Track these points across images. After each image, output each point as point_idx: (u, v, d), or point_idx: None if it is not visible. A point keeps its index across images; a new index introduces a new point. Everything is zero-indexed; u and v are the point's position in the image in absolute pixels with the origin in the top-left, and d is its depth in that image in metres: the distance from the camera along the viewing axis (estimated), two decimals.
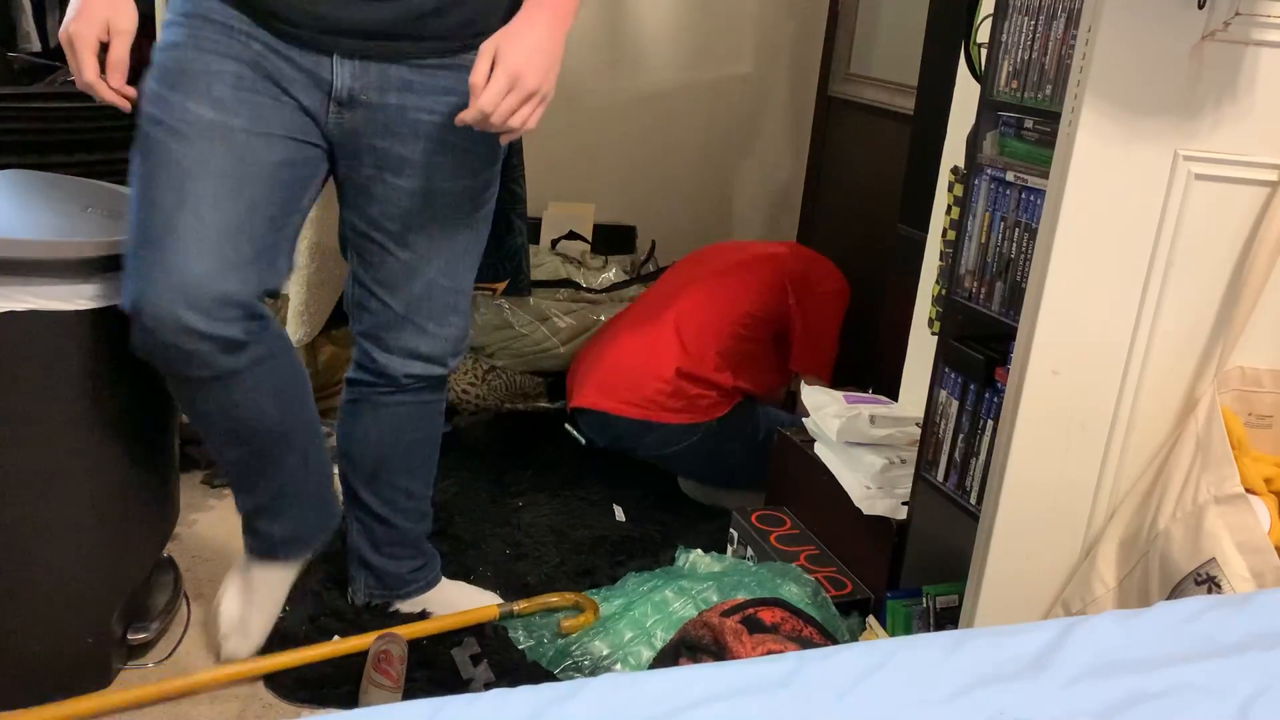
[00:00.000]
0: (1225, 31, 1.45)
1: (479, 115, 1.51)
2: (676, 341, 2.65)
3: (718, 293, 2.73)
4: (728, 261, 2.84)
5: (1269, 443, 1.60)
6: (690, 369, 2.61)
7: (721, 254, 2.91)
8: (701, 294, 2.73)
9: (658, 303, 2.79)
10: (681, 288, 2.79)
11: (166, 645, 1.95)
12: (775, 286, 2.75)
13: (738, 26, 3.49)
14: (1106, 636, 1.07)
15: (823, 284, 2.82)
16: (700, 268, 2.86)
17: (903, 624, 1.92)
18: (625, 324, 2.81)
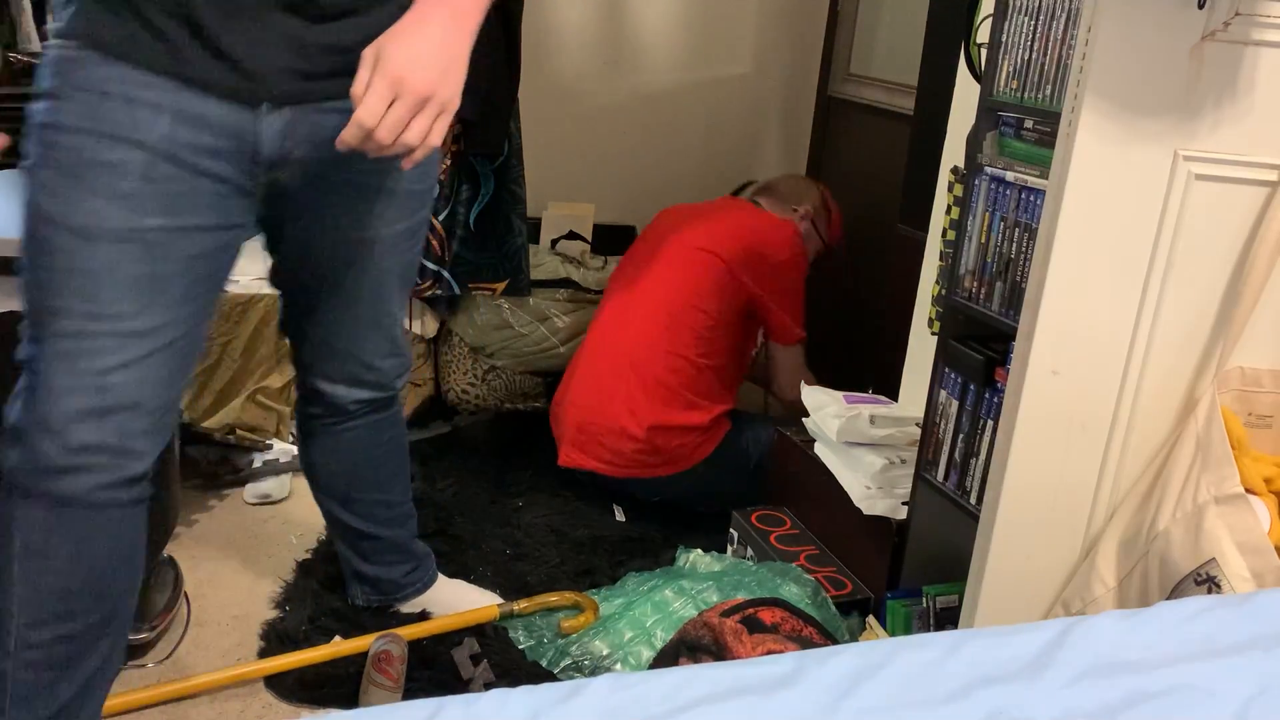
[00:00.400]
0: (1225, 31, 1.45)
1: (359, 132, 1.27)
2: (641, 393, 2.51)
3: (670, 319, 2.55)
4: (671, 268, 2.61)
5: (1269, 443, 1.60)
6: (662, 421, 2.50)
7: (660, 251, 2.67)
8: (654, 326, 2.55)
9: (612, 330, 2.63)
10: (632, 311, 2.61)
11: (166, 645, 1.95)
12: (727, 284, 2.58)
13: (737, 26, 3.49)
14: (1106, 637, 1.07)
15: (775, 255, 2.62)
16: (644, 276, 2.64)
17: (902, 624, 1.92)
18: (590, 358, 2.65)
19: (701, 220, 2.70)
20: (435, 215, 2.74)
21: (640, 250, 2.76)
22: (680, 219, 2.74)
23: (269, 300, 2.66)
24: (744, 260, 2.57)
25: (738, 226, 2.66)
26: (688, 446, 2.52)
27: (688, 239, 2.64)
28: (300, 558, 2.25)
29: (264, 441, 2.69)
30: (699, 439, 2.54)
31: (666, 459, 2.51)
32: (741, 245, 2.59)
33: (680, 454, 2.51)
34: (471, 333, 2.91)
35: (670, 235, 2.68)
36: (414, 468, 2.64)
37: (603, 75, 3.39)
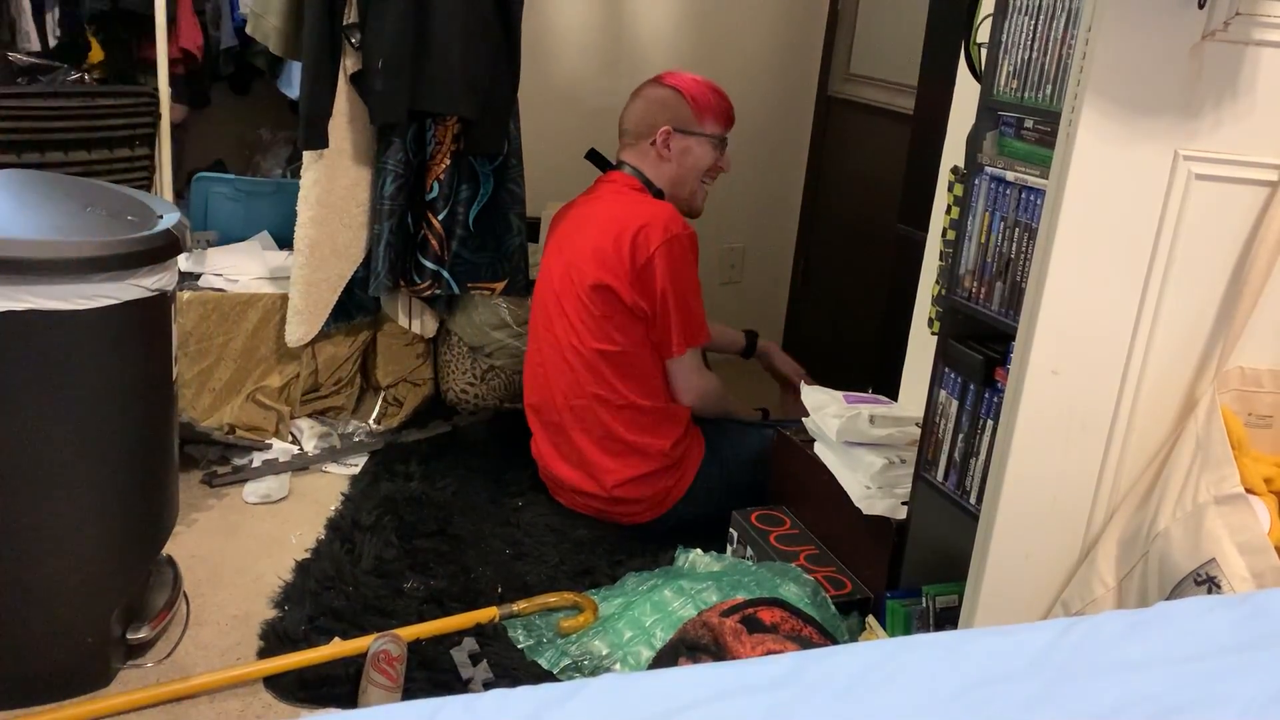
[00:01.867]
0: (1225, 31, 1.45)
1: None
2: (594, 450, 2.43)
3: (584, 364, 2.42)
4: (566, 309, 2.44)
5: (1269, 443, 1.60)
6: (626, 475, 2.41)
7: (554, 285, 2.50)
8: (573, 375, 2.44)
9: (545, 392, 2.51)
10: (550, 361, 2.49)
11: (166, 645, 1.95)
12: (619, 309, 2.38)
13: (737, 26, 3.49)
14: (1107, 636, 1.07)
15: (642, 251, 2.35)
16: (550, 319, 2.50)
17: (902, 624, 1.91)
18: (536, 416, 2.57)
19: (578, 233, 2.48)
20: (435, 215, 2.74)
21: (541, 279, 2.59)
22: (563, 235, 2.55)
23: (268, 300, 2.66)
24: (617, 271, 2.36)
25: (605, 232, 2.39)
26: (662, 491, 2.44)
27: (567, 265, 2.46)
28: (300, 557, 2.25)
29: (263, 441, 2.69)
30: (672, 479, 2.45)
31: (647, 506, 2.46)
32: (609, 255, 2.37)
33: (658, 499, 2.45)
34: (470, 332, 2.91)
35: (557, 261, 2.51)
36: (414, 467, 2.65)
37: (602, 75, 3.39)
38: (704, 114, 2.55)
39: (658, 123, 2.52)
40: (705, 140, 2.55)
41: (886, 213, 2.98)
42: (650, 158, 2.54)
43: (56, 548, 1.75)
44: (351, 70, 2.59)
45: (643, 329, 2.42)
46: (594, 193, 2.60)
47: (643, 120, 2.54)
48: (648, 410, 2.43)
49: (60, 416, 1.70)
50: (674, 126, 2.52)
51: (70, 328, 1.66)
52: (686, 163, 2.55)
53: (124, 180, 2.55)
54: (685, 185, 2.58)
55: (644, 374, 2.44)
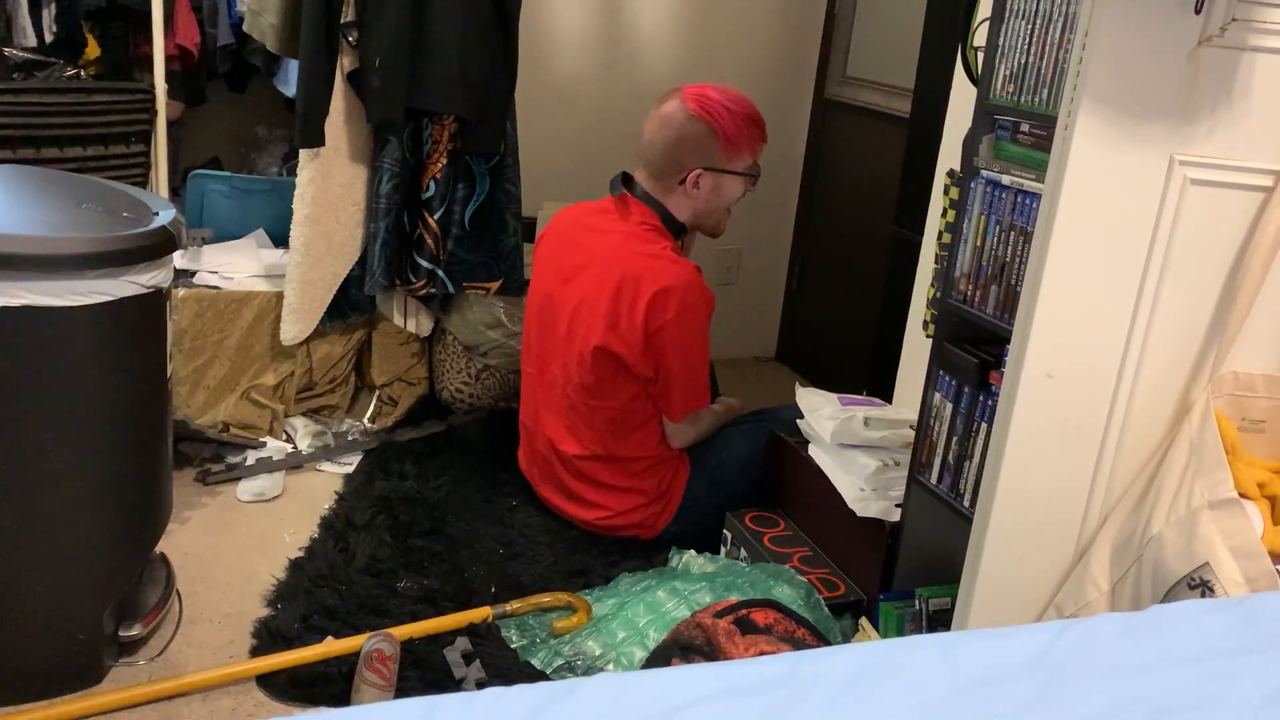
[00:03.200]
0: (1221, 37, 1.45)
1: None
2: (582, 485, 2.41)
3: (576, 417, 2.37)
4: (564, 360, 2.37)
5: (1262, 447, 1.61)
6: (611, 511, 2.40)
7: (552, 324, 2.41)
8: (565, 422, 2.39)
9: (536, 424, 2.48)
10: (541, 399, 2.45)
11: (158, 643, 1.94)
12: (614, 368, 2.30)
13: (734, 28, 3.49)
14: (1101, 640, 1.08)
15: (655, 319, 2.25)
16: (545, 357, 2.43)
17: (895, 626, 1.92)
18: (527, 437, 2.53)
19: (586, 271, 2.34)
20: (431, 214, 2.74)
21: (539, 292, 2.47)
22: (567, 258, 2.41)
23: (263, 298, 2.66)
24: (626, 337, 2.26)
25: (618, 290, 2.26)
26: (650, 517, 2.43)
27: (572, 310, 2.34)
28: (293, 556, 2.25)
29: (258, 439, 2.68)
30: (658, 509, 2.42)
31: (638, 529, 2.45)
32: (620, 319, 2.25)
33: (647, 523, 2.44)
34: (465, 332, 2.91)
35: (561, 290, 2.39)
36: (408, 466, 2.65)
37: (599, 76, 3.40)
38: (738, 150, 2.38)
39: (688, 164, 2.35)
40: (737, 176, 2.41)
41: (882, 215, 2.98)
42: (676, 194, 2.38)
43: (49, 545, 1.75)
44: (349, 68, 2.59)
45: (642, 385, 2.34)
46: (607, 222, 2.41)
47: (671, 159, 2.35)
48: (636, 460, 2.40)
49: (54, 413, 1.69)
50: (705, 167, 2.35)
51: (65, 324, 1.66)
52: (715, 200, 2.41)
53: (120, 177, 2.54)
54: (712, 217, 2.45)
55: (637, 427, 2.38)
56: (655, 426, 2.41)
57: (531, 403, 2.51)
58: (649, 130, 2.39)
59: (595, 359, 2.29)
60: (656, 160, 2.38)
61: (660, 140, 2.37)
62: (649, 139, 2.39)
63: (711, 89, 2.39)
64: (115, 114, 2.62)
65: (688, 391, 2.35)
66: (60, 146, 2.54)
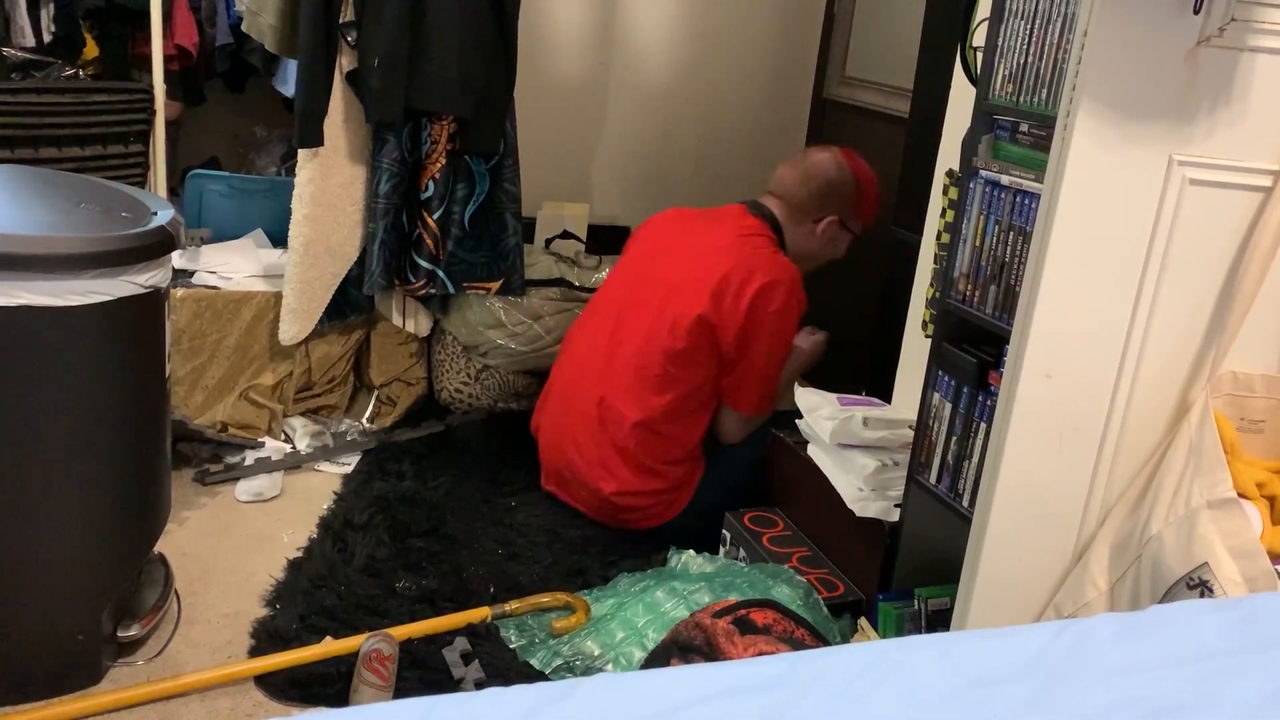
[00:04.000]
0: (1220, 37, 1.45)
1: None
2: (606, 447, 2.43)
3: (642, 380, 2.40)
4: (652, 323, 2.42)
5: (1261, 447, 1.61)
6: (625, 488, 2.41)
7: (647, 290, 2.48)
8: (626, 381, 2.42)
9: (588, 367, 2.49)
10: (606, 357, 2.47)
11: (157, 643, 1.94)
12: (705, 342, 2.38)
13: (734, 28, 3.49)
14: (1099, 640, 1.08)
15: (763, 306, 2.37)
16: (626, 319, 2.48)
17: (894, 626, 1.92)
18: (563, 390, 2.55)
19: (693, 253, 2.46)
20: (430, 214, 2.74)
21: (629, 271, 2.59)
22: (673, 242, 2.54)
23: (261, 298, 2.66)
24: (728, 315, 2.36)
25: (729, 272, 2.37)
26: (659, 506, 2.45)
27: (674, 281, 2.43)
28: (292, 556, 2.25)
29: (256, 439, 2.68)
30: (672, 496, 2.45)
31: (638, 518, 2.46)
32: (727, 297, 2.36)
33: (652, 512, 2.46)
34: (464, 332, 2.91)
35: (659, 268, 2.49)
36: (407, 466, 2.65)
37: (599, 76, 3.39)
38: (866, 216, 2.63)
39: (828, 210, 2.56)
40: (850, 235, 2.63)
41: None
42: (803, 229, 2.57)
43: (47, 545, 1.74)
44: (347, 68, 2.59)
45: (716, 371, 2.42)
46: (722, 218, 2.55)
47: (813, 200, 2.55)
48: (674, 447, 2.44)
49: (52, 413, 1.69)
50: (839, 217, 2.57)
51: (63, 324, 1.66)
52: (828, 249, 2.62)
53: (118, 177, 2.54)
54: (814, 259, 2.63)
55: (693, 411, 2.44)
56: (705, 418, 2.47)
57: (591, 356, 2.51)
58: (799, 169, 2.59)
59: (693, 327, 2.37)
60: (801, 197, 2.57)
61: (806, 179, 2.57)
62: (799, 176, 2.58)
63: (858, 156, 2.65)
64: (113, 114, 2.62)
65: (763, 385, 2.46)
66: (59, 146, 2.54)
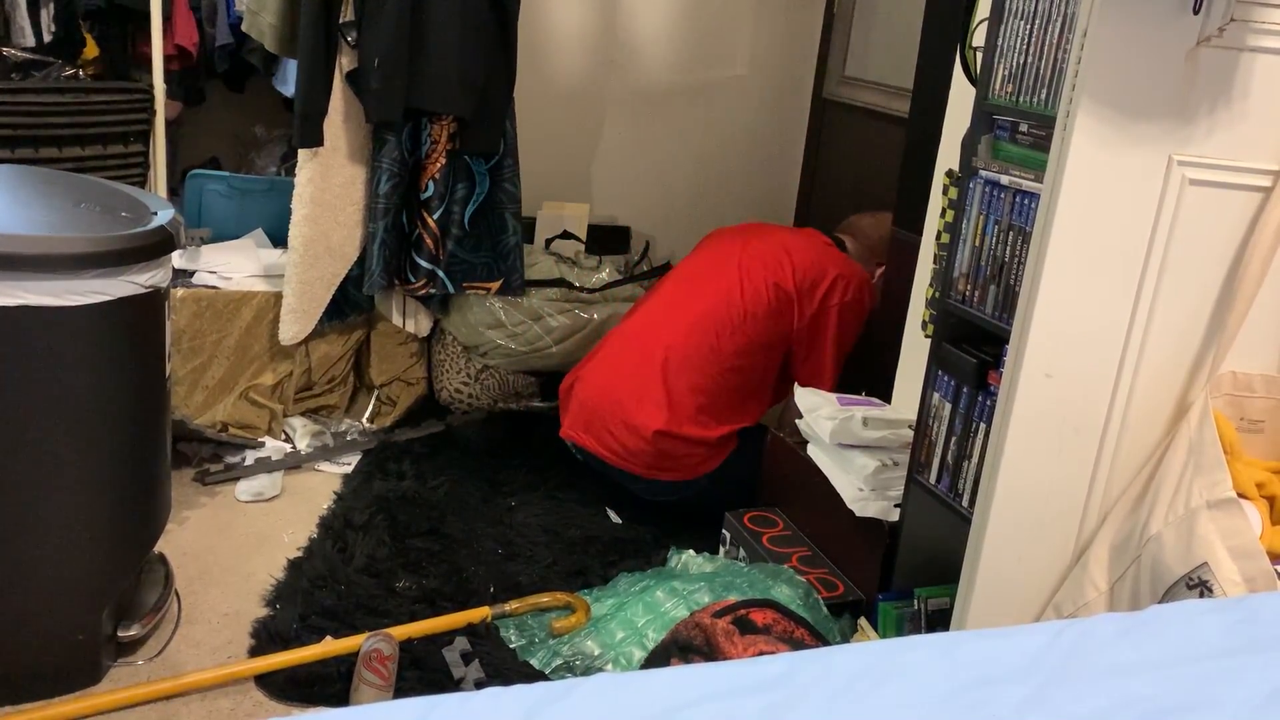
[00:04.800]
0: (1220, 37, 1.45)
1: None
2: (661, 390, 2.49)
3: (717, 335, 2.54)
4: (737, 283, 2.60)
5: (1261, 447, 1.61)
6: (674, 429, 2.47)
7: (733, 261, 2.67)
8: (700, 335, 2.54)
9: (654, 321, 2.62)
10: (682, 311, 2.60)
11: (157, 643, 1.94)
12: (778, 310, 2.57)
13: (734, 28, 3.49)
14: (1099, 640, 1.08)
15: (832, 296, 2.60)
16: (709, 280, 2.65)
17: (894, 626, 1.92)
18: (619, 344, 2.64)
19: (776, 242, 2.70)
20: (430, 214, 2.74)
21: (714, 250, 2.76)
22: (755, 235, 2.77)
23: (262, 298, 2.66)
24: (806, 294, 2.58)
25: (815, 261, 2.64)
26: (694, 458, 2.49)
27: (757, 258, 2.64)
28: (292, 556, 2.25)
29: (256, 439, 2.68)
30: (706, 453, 2.51)
31: (669, 466, 2.49)
32: (808, 278, 2.60)
33: (685, 464, 2.49)
34: (464, 332, 2.91)
35: (741, 250, 2.68)
36: (407, 466, 2.65)
37: (599, 76, 3.39)
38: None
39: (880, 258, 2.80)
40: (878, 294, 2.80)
41: None
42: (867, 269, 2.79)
43: (47, 544, 1.74)
44: (347, 68, 2.59)
45: (779, 349, 2.60)
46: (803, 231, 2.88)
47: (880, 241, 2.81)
48: (727, 401, 2.54)
49: (52, 412, 1.69)
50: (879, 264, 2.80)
51: (63, 324, 1.66)
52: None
53: (118, 177, 2.54)
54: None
55: (753, 391, 2.59)
56: (761, 403, 2.64)
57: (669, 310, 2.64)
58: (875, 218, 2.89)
59: (771, 292, 2.57)
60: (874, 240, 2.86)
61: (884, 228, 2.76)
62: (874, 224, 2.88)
63: None
64: (114, 114, 2.62)
65: (835, 372, 2.64)
66: (59, 146, 2.54)
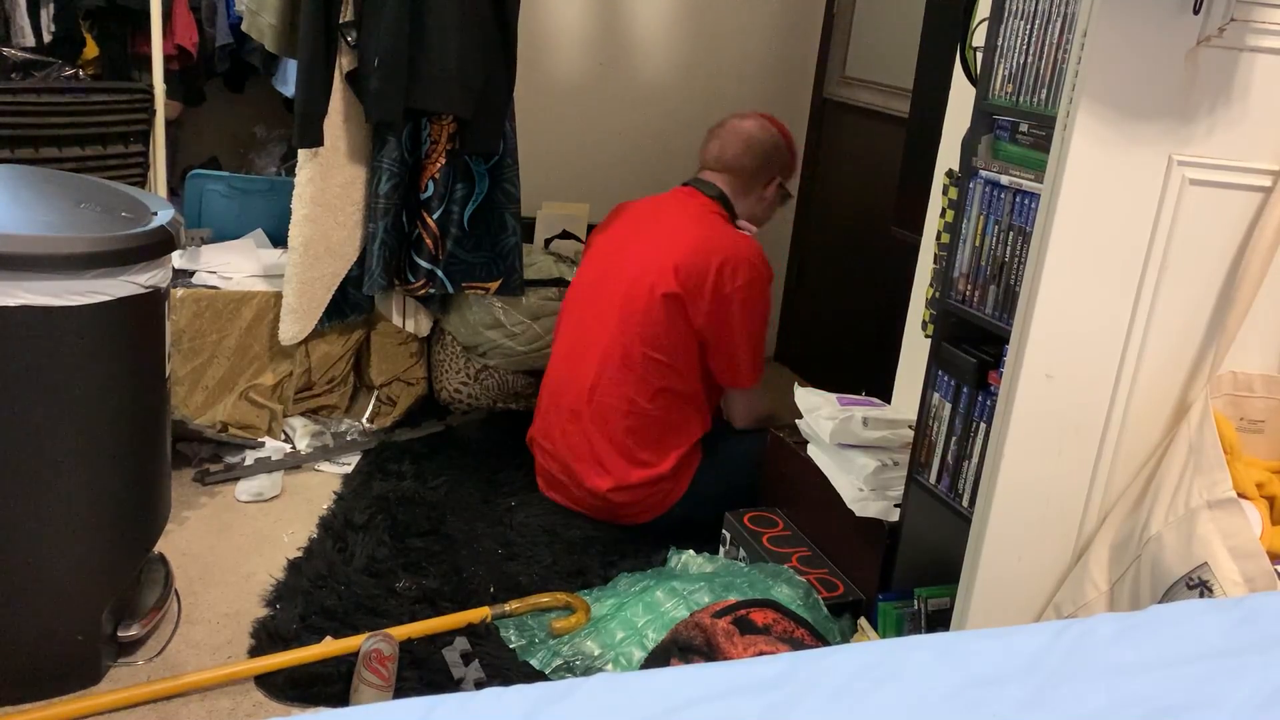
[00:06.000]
0: (1220, 37, 1.45)
1: None
2: (597, 444, 2.44)
3: (625, 364, 2.42)
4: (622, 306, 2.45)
5: (1261, 447, 1.61)
6: (621, 482, 2.42)
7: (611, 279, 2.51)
8: (610, 370, 2.44)
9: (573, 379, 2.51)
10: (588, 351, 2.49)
11: (157, 643, 1.94)
12: (680, 321, 2.41)
13: (733, 28, 3.49)
14: (1099, 639, 1.08)
15: (723, 285, 2.41)
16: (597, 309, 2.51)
17: (894, 626, 1.92)
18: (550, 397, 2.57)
19: (650, 238, 2.51)
20: (430, 214, 2.74)
21: (592, 269, 2.62)
22: (629, 232, 2.58)
23: (262, 298, 2.66)
24: (695, 293, 2.40)
25: (691, 250, 2.42)
26: (657, 495, 2.45)
27: (637, 267, 2.46)
28: (292, 556, 2.25)
29: (256, 439, 2.68)
30: (669, 485, 2.45)
31: (637, 511, 2.46)
32: (692, 275, 2.40)
33: (650, 504, 2.46)
34: (464, 332, 2.91)
35: (620, 259, 2.53)
36: (407, 466, 2.65)
37: (598, 76, 3.40)
38: (794, 172, 2.77)
39: (772, 173, 2.66)
40: (787, 195, 2.75)
41: (881, 216, 2.98)
42: (751, 197, 2.65)
43: (47, 544, 1.74)
44: (347, 68, 2.59)
45: (696, 353, 2.46)
46: (673, 202, 2.62)
47: (760, 166, 2.64)
48: (664, 425, 2.45)
49: (52, 412, 1.69)
50: (781, 179, 2.69)
51: (63, 324, 1.66)
52: (770, 212, 2.73)
53: (118, 177, 2.54)
54: (760, 224, 2.70)
55: (684, 402, 2.47)
56: (699, 411, 2.51)
57: (573, 352, 2.55)
58: (739, 140, 2.65)
59: (664, 305, 2.41)
60: (749, 166, 2.65)
61: (755, 148, 2.65)
62: (740, 147, 2.64)
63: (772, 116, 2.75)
64: (113, 114, 2.62)
65: (754, 356, 2.51)
66: (59, 146, 2.54)
